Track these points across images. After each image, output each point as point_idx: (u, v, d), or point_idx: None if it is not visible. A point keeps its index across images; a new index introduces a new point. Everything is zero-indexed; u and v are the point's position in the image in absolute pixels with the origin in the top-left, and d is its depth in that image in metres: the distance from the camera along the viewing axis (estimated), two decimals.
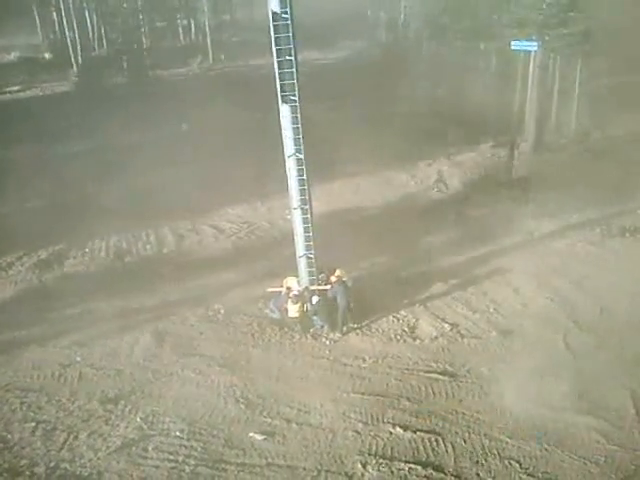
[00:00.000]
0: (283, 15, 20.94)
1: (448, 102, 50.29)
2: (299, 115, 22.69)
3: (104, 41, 71.83)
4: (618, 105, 46.23)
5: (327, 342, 25.18)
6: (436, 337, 25.31)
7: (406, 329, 25.82)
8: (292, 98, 22.27)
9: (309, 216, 24.84)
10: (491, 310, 27.03)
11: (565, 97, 47.47)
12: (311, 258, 25.69)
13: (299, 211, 24.71)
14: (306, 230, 25.02)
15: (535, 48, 44.73)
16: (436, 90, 53.45)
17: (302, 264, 25.93)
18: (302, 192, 24.34)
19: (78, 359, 24.35)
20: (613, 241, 32.72)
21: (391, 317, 26.52)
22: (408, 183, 40.56)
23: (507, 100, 46.05)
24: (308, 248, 25.41)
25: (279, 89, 22.09)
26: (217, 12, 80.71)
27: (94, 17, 71.94)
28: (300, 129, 22.97)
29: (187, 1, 76.10)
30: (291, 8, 20.88)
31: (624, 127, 46.50)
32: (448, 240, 31.97)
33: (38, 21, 78.30)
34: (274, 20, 20.96)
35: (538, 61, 45.76)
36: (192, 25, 79.97)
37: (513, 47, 45.97)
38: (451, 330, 25.65)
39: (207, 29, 73.01)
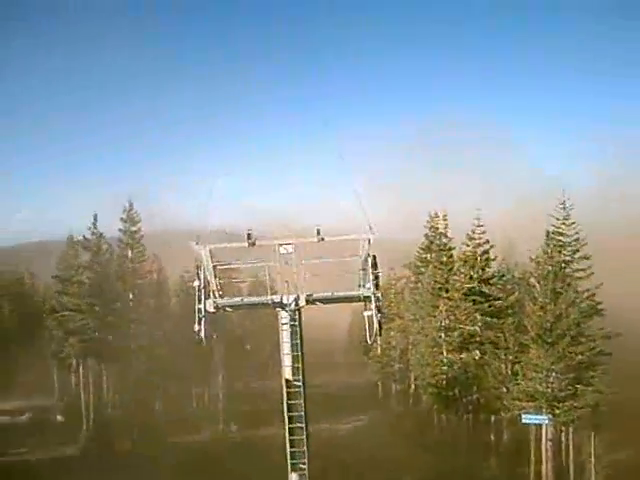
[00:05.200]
0: (295, 382, 21.09)
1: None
2: None
3: (118, 404, 72.78)
4: None
5: None
6: None
7: None
8: (302, 467, 21.34)
9: None
10: None
11: (582, 472, 46.34)
12: None
13: None
14: None
15: (546, 421, 44.92)
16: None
17: None
18: None
19: None
20: None
21: None
22: None
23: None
24: None
25: (289, 457, 21.32)
26: (231, 380, 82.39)
27: (111, 381, 73.73)
28: None
29: (203, 370, 78.04)
30: (303, 376, 21.16)
31: None
32: None
33: (56, 382, 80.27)
34: (287, 387, 21.10)
35: (550, 434, 45.64)
36: (205, 393, 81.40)
37: (524, 420, 46.22)
38: None
39: (220, 397, 74.29)
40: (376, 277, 20.52)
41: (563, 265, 48.00)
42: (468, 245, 57.73)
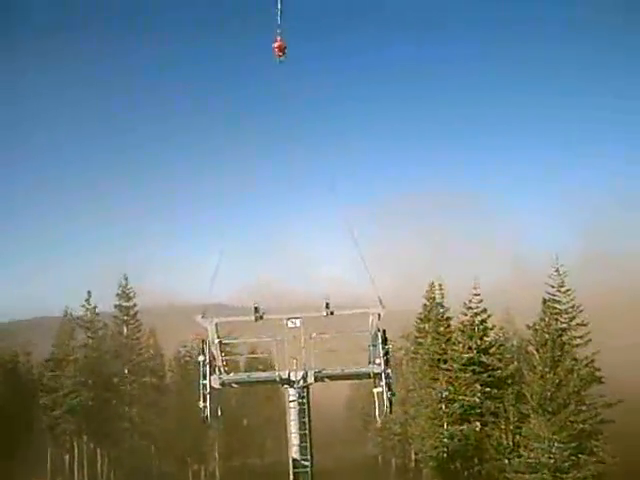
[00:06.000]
0: (303, 462, 20.42)
1: None
2: None
3: None
4: None
5: None
6: None
7: None
8: None
9: None
10: None
11: None
12: None
13: None
14: None
15: None
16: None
17: None
18: None
19: None
20: None
21: None
22: None
23: None
24: None
25: None
26: (228, 459, 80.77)
27: (105, 459, 72.39)
28: None
29: (198, 446, 76.73)
30: (312, 455, 20.47)
31: None
32: None
33: (49, 461, 78.55)
34: (294, 467, 20.41)
35: None
36: (202, 470, 79.99)
37: None
38: None
39: (217, 473, 73.04)
40: (386, 353, 19.93)
41: (560, 332, 47.98)
42: (466, 314, 57.42)
